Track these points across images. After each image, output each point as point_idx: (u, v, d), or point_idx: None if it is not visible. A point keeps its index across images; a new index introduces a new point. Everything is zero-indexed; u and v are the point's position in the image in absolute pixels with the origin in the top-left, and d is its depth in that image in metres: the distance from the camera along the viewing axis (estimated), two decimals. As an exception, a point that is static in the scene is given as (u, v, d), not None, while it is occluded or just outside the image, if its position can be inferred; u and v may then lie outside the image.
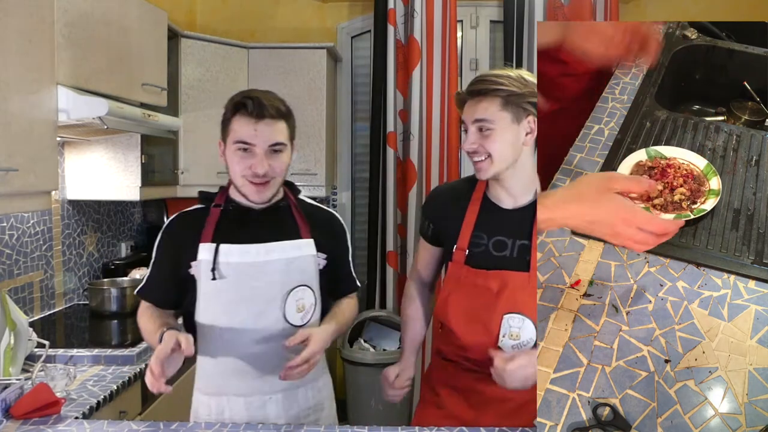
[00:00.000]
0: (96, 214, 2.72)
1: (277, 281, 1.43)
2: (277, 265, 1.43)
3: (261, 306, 1.43)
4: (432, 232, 1.60)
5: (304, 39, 3.45)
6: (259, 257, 1.43)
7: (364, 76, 3.59)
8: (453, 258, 1.51)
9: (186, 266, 1.44)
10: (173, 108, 2.79)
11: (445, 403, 1.56)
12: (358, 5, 3.51)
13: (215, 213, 1.46)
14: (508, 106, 1.41)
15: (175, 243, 1.46)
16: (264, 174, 1.39)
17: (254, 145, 1.38)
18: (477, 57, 3.49)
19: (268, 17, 3.54)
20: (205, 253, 1.42)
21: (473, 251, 1.49)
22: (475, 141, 1.43)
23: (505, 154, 1.43)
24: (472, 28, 3.49)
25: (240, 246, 1.42)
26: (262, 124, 1.38)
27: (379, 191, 3.37)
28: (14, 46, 1.56)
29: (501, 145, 1.42)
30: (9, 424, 1.36)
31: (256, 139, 1.38)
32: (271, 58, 3.14)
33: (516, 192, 1.49)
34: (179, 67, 2.88)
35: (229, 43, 3.08)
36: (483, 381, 1.50)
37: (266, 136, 1.38)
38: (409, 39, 3.27)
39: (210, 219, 1.45)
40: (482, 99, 1.42)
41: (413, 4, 3.24)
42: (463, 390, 1.55)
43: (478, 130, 1.42)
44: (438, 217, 1.58)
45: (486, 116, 1.41)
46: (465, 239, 1.50)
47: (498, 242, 1.48)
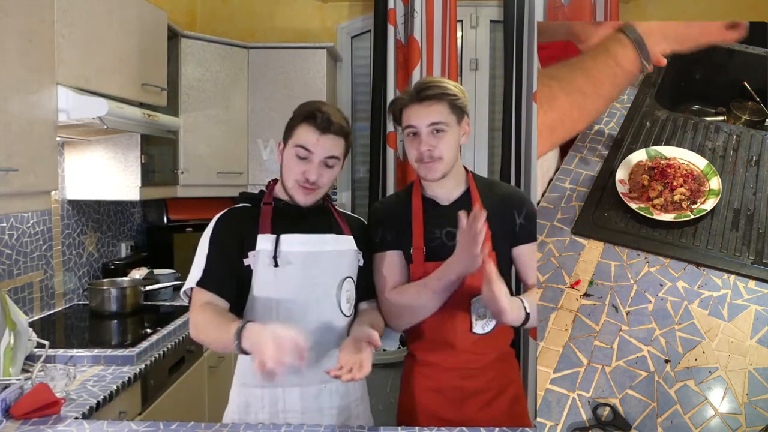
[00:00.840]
0: (96, 214, 2.72)
1: (332, 271, 1.50)
2: (331, 256, 1.51)
3: (319, 293, 1.48)
4: (391, 237, 1.59)
5: (304, 39, 3.45)
6: (318, 246, 1.50)
7: (364, 76, 3.58)
8: (413, 259, 1.56)
9: (243, 256, 1.46)
10: (173, 108, 2.79)
11: (426, 405, 1.59)
12: (358, 5, 3.51)
13: (267, 209, 1.52)
14: (453, 109, 1.53)
15: (234, 233, 1.49)
16: (315, 182, 1.47)
17: (312, 153, 1.47)
18: (477, 57, 3.49)
19: (268, 17, 3.54)
20: (264, 243, 1.46)
21: (429, 246, 1.55)
22: (431, 143, 1.51)
23: (452, 154, 1.54)
24: (472, 28, 3.49)
25: (300, 236, 1.49)
26: (324, 137, 1.46)
27: (379, 191, 3.37)
28: (14, 46, 1.56)
29: (451, 146, 1.53)
30: (9, 424, 1.36)
31: (316, 148, 1.46)
32: (271, 58, 3.13)
33: (451, 187, 1.60)
34: (179, 67, 2.87)
35: (229, 43, 3.07)
36: (460, 377, 1.57)
37: (326, 148, 1.47)
38: (409, 39, 3.27)
39: (264, 213, 1.51)
40: (434, 103, 1.51)
41: (413, 4, 3.24)
42: (441, 390, 1.58)
43: (431, 133, 1.51)
44: (391, 222, 1.60)
45: (440, 119, 1.51)
46: (419, 238, 1.56)
47: (448, 233, 1.54)
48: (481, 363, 1.58)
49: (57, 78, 1.77)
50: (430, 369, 1.60)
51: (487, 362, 1.58)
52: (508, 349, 1.65)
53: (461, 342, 1.55)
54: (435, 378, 1.59)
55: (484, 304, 1.43)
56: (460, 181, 1.62)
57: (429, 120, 1.51)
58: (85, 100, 1.83)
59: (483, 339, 1.55)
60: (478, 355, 1.57)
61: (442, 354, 1.57)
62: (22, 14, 1.59)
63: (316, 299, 1.48)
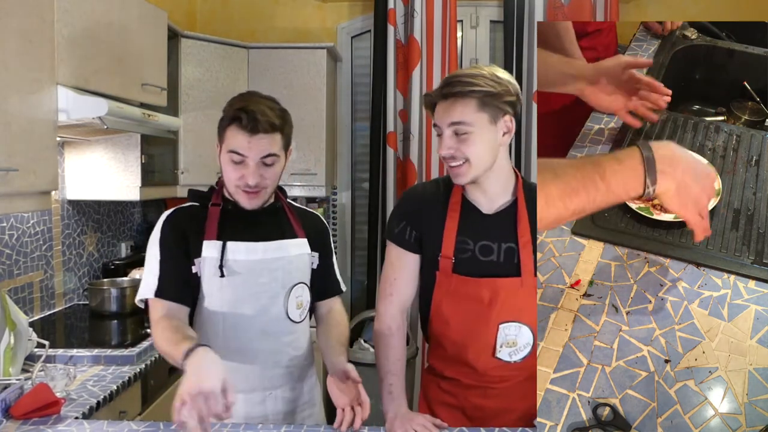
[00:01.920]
0: (96, 214, 2.72)
1: (280, 278, 1.46)
2: (281, 263, 1.46)
3: (265, 301, 1.45)
4: (414, 238, 1.48)
5: (304, 39, 3.45)
6: (266, 254, 1.45)
7: (364, 76, 3.58)
8: (439, 267, 1.44)
9: (191, 263, 1.42)
10: (173, 108, 2.79)
11: (444, 421, 1.43)
12: (358, 5, 3.51)
13: (215, 212, 1.45)
14: (484, 107, 1.35)
15: (181, 238, 1.43)
16: (255, 185, 1.41)
17: (247, 156, 1.39)
18: (477, 57, 3.49)
19: (268, 17, 3.54)
20: (210, 250, 1.42)
21: (459, 257, 1.42)
22: (451, 146, 1.36)
23: (484, 157, 1.37)
24: (472, 28, 3.49)
25: (246, 244, 1.44)
26: (255, 138, 1.38)
27: (379, 191, 3.37)
28: (14, 46, 1.56)
29: (479, 147, 1.36)
30: (9, 424, 1.36)
31: (249, 152, 1.38)
32: (271, 58, 3.14)
33: (494, 194, 1.44)
34: (179, 67, 2.88)
35: (229, 43, 3.07)
36: (482, 395, 1.47)
37: (259, 149, 1.39)
38: (409, 39, 3.27)
39: (211, 217, 1.44)
40: (457, 101, 1.35)
41: (413, 4, 3.24)
42: (461, 408, 1.49)
43: (453, 134, 1.36)
44: (419, 220, 1.47)
45: (463, 119, 1.34)
46: (450, 247, 1.42)
47: (484, 247, 1.42)
48: (506, 384, 1.46)
49: (57, 78, 1.77)
50: (449, 384, 1.50)
51: (512, 384, 1.46)
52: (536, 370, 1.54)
53: (482, 365, 1.44)
54: (454, 395, 1.50)
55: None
56: (507, 188, 1.45)
57: (449, 119, 1.36)
58: (85, 100, 1.83)
59: (509, 364, 1.44)
60: (501, 377, 1.46)
61: (463, 371, 1.47)
62: (22, 14, 1.59)
63: (262, 307, 1.44)
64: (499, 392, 1.47)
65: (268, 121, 1.38)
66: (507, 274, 1.41)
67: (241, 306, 1.43)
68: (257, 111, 1.37)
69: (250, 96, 1.44)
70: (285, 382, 1.50)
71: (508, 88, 1.37)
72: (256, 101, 1.41)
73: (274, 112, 1.41)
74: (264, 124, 1.37)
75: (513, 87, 1.38)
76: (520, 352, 1.42)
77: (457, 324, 1.45)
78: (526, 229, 1.42)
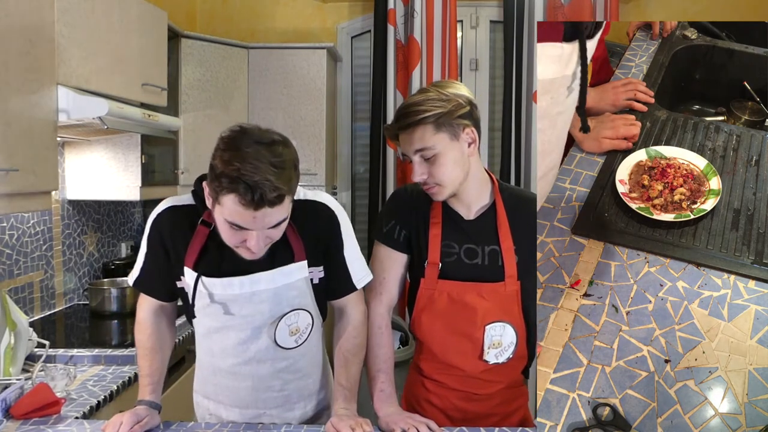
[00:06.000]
0: (96, 214, 2.72)
1: (266, 310, 1.34)
2: (265, 295, 1.33)
3: (249, 332, 1.36)
4: (404, 238, 1.49)
5: (304, 39, 3.45)
6: (244, 289, 1.32)
7: (364, 76, 3.58)
8: (425, 273, 1.45)
9: (176, 276, 1.37)
10: (173, 108, 2.79)
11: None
12: (358, 5, 3.51)
13: (203, 232, 1.32)
14: (441, 127, 1.36)
15: (165, 245, 1.36)
16: (262, 249, 1.24)
17: (250, 229, 1.19)
18: (477, 57, 3.49)
19: (268, 17, 3.54)
20: (188, 276, 1.33)
21: (445, 261, 1.45)
22: (423, 171, 1.39)
23: (455, 174, 1.40)
24: (472, 28, 3.49)
25: (221, 280, 1.31)
26: (260, 212, 1.14)
27: (379, 191, 3.37)
28: (14, 46, 1.56)
29: (449, 168, 1.38)
30: (9, 424, 1.36)
31: (253, 225, 1.17)
32: (271, 58, 3.14)
33: (471, 201, 1.47)
34: (179, 67, 2.87)
35: (229, 43, 3.07)
36: (465, 398, 1.50)
37: (266, 221, 1.17)
38: (409, 39, 3.27)
39: (197, 237, 1.32)
40: (414, 129, 1.37)
41: (413, 4, 3.24)
42: (443, 409, 1.51)
43: (422, 159, 1.38)
44: (408, 221, 1.49)
45: (424, 144, 1.37)
46: (436, 252, 1.45)
47: (468, 250, 1.45)
48: (489, 390, 1.50)
49: (57, 78, 1.77)
50: (434, 385, 1.52)
51: (495, 390, 1.50)
52: (518, 377, 1.55)
53: (471, 368, 1.47)
54: (439, 395, 1.52)
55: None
56: (483, 192, 1.48)
57: (413, 148, 1.38)
58: (85, 100, 1.83)
59: (495, 368, 1.46)
60: (486, 382, 1.49)
61: (449, 375, 1.49)
62: (22, 14, 1.59)
63: (245, 338, 1.36)
64: (482, 398, 1.50)
65: (273, 191, 1.12)
66: (492, 278, 1.44)
67: (226, 332, 1.36)
68: (259, 181, 1.11)
69: (247, 154, 1.13)
70: (281, 403, 1.44)
71: (458, 101, 1.37)
72: (255, 164, 1.11)
73: (280, 173, 1.13)
74: (271, 197, 1.12)
75: (463, 98, 1.38)
76: (505, 352, 1.44)
77: (442, 329, 1.47)
78: (507, 234, 1.44)
